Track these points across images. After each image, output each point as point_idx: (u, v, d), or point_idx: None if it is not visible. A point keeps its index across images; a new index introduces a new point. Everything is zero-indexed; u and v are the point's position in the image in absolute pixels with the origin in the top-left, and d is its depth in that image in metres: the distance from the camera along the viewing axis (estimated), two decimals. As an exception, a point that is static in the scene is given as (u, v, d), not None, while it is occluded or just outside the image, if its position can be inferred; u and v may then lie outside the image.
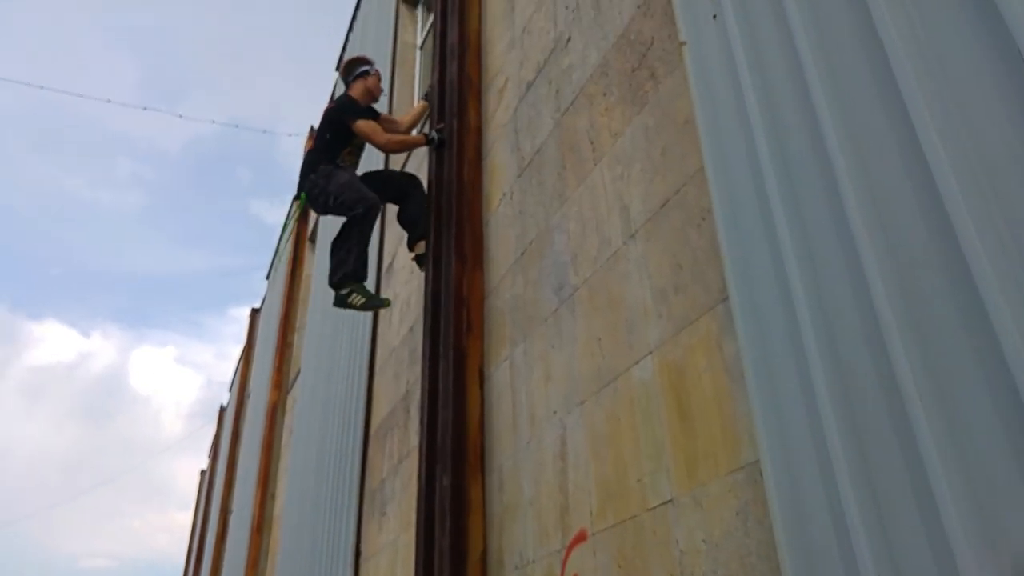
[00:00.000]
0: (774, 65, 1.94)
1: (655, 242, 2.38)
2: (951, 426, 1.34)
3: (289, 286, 11.26)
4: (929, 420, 1.36)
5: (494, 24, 4.38)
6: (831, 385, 1.60)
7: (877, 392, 1.51)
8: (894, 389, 1.46)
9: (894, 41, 1.57)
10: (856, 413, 1.55)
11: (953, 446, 1.32)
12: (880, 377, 1.50)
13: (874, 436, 1.49)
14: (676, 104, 2.42)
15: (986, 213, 1.32)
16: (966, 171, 1.38)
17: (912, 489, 1.39)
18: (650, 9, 2.69)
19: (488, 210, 3.90)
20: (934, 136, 1.44)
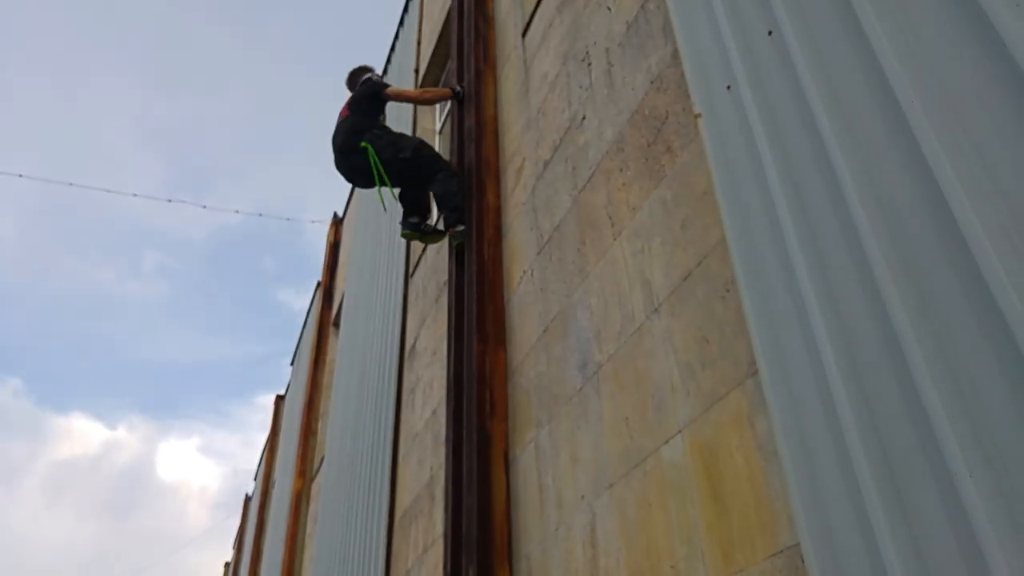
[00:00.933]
0: (792, 132, 1.91)
1: (679, 316, 2.31)
2: (1007, 502, 1.23)
3: (313, 372, 11.24)
4: (981, 493, 1.26)
5: (509, 107, 4.46)
6: (872, 461, 1.50)
7: (922, 467, 1.41)
8: (940, 462, 1.36)
9: (911, 102, 1.54)
10: (901, 490, 1.44)
11: (1011, 525, 1.21)
12: (924, 450, 1.40)
13: (923, 515, 1.38)
14: (694, 176, 2.39)
15: None
16: (996, 229, 1.32)
17: (968, 571, 1.28)
18: (663, 84, 2.71)
19: (509, 288, 3.87)
20: (959, 190, 1.39)
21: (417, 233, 4.65)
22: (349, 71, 5.05)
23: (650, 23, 2.89)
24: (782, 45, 2.01)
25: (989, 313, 1.32)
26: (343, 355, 8.75)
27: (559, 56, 3.78)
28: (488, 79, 4.77)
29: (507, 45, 4.73)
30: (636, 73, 2.92)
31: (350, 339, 8.50)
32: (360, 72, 5.03)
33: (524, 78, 4.29)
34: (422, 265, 6.15)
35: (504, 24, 4.87)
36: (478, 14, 5.05)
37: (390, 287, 6.96)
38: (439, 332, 5.11)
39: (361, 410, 7.05)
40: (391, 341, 6.45)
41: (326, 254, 12.28)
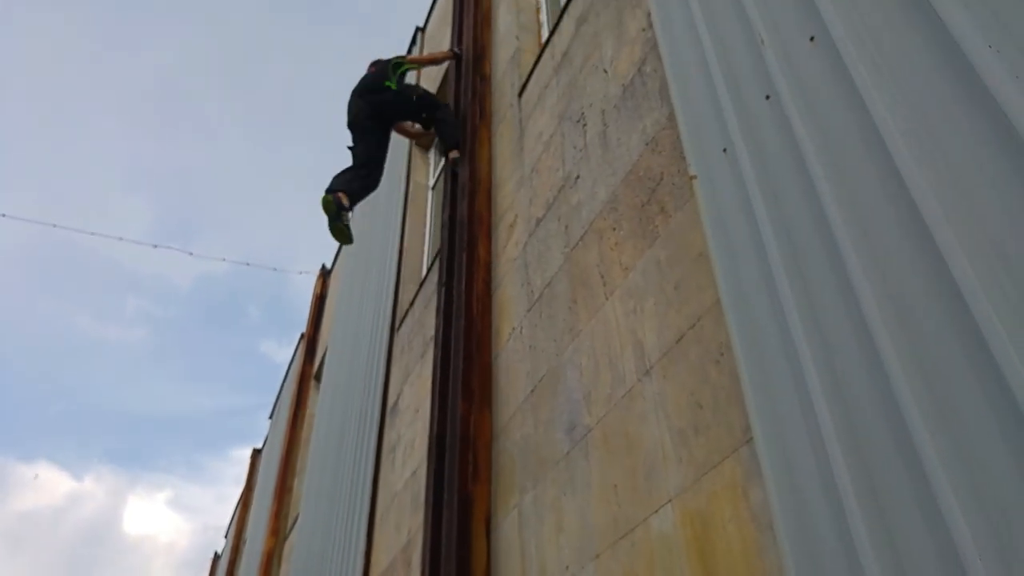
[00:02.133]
0: (789, 196, 1.89)
1: (672, 379, 2.25)
2: None
3: (291, 426, 11.00)
4: (986, 567, 1.19)
5: (504, 164, 4.47)
6: (872, 534, 1.43)
7: (925, 539, 1.34)
8: (945, 537, 1.29)
9: (909, 167, 1.52)
10: (904, 565, 1.36)
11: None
12: (927, 523, 1.34)
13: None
14: (689, 237, 2.36)
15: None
16: (997, 292, 1.28)
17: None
18: (658, 146, 2.71)
19: (497, 345, 3.79)
20: (961, 256, 1.36)
21: (334, 208, 4.86)
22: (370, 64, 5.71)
23: (646, 85, 2.90)
24: (779, 110, 2.01)
25: (990, 376, 1.28)
26: (323, 410, 8.57)
27: (554, 116, 3.80)
28: (483, 136, 4.79)
29: (503, 104, 4.77)
30: (631, 134, 2.92)
31: (331, 393, 8.35)
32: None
33: (519, 136, 4.31)
34: (408, 319, 6.08)
35: (501, 83, 4.92)
36: (475, 73, 5.11)
37: (374, 341, 6.86)
38: (423, 389, 5.01)
39: (339, 468, 6.86)
40: (373, 397, 6.32)
41: (311, 306, 12.18)
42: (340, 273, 10.67)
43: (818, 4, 1.93)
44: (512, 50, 4.85)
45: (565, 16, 3.98)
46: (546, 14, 5.02)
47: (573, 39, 3.80)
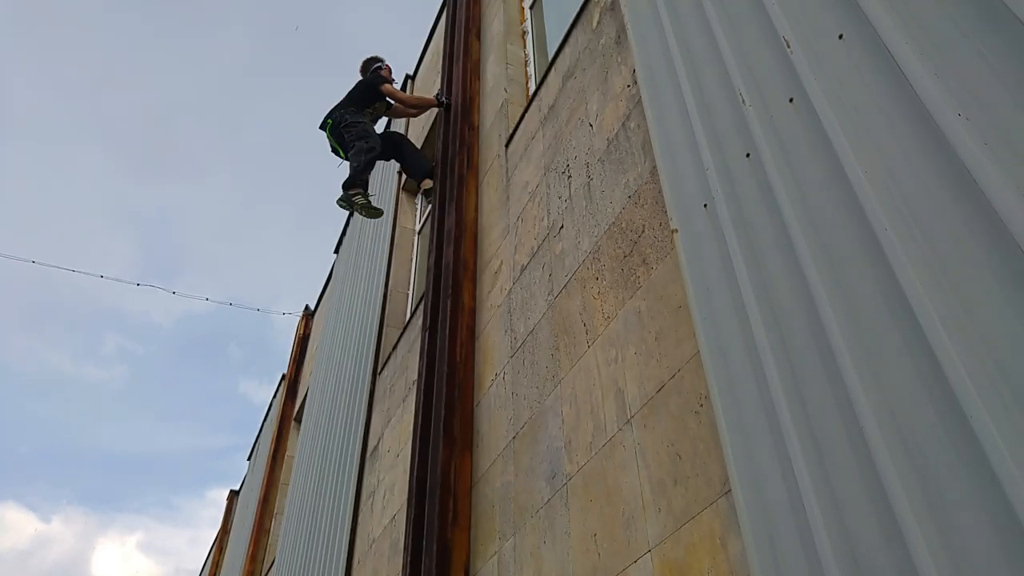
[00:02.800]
0: (768, 252, 1.95)
1: (652, 429, 2.28)
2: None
3: (270, 467, 10.84)
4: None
5: (490, 212, 4.54)
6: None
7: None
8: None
9: (884, 228, 1.58)
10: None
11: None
12: (900, 572, 1.36)
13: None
14: (669, 289, 2.42)
15: (992, 388, 1.25)
16: (967, 347, 1.33)
17: None
18: (641, 199, 2.78)
19: (480, 391, 3.81)
20: (933, 314, 1.41)
21: (346, 203, 5.38)
22: (364, 60, 6.03)
23: (630, 140, 2.99)
24: (759, 167, 2.08)
25: (964, 440, 1.31)
26: (303, 452, 8.48)
27: (540, 167, 3.88)
28: (470, 184, 4.87)
29: (490, 153, 4.86)
30: (615, 187, 3.00)
31: (311, 435, 8.27)
32: (372, 61, 6.00)
33: (505, 185, 4.39)
34: (391, 362, 6.08)
35: (488, 134, 5.02)
36: (464, 123, 5.21)
37: (356, 384, 6.84)
38: (404, 433, 4.99)
39: (317, 511, 6.77)
40: (353, 440, 6.28)
41: (294, 347, 12.12)
42: (324, 314, 10.66)
43: (797, 67, 2.01)
44: (500, 101, 4.96)
45: (552, 71, 4.10)
46: (534, 67, 5.16)
47: (560, 93, 3.90)
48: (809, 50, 1.97)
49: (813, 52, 1.96)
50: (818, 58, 1.94)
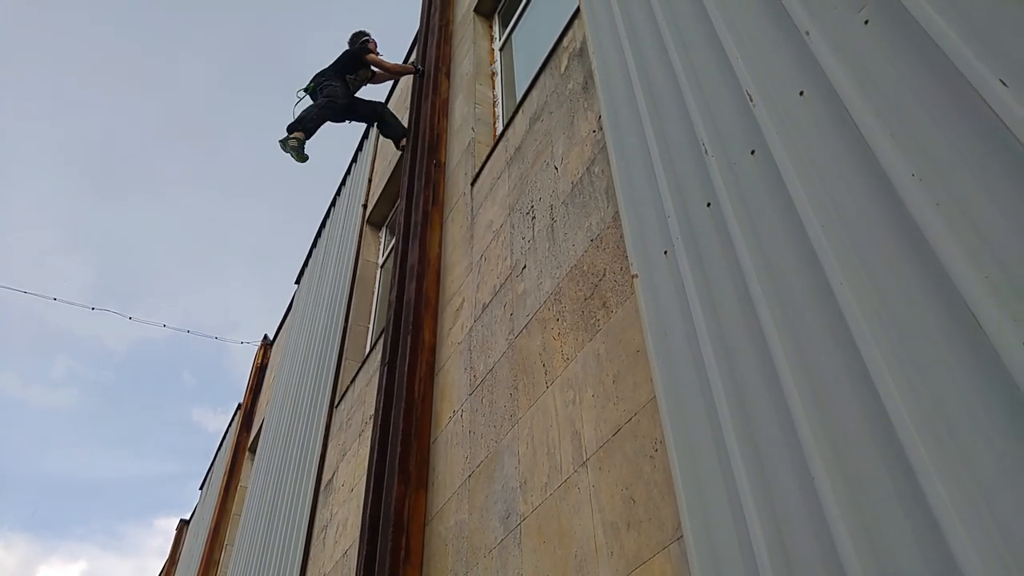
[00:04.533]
0: (725, 301, 1.99)
1: (607, 472, 2.29)
2: None
3: (223, 497, 10.56)
4: None
5: (453, 249, 4.56)
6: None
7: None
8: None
9: (840, 282, 1.63)
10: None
11: None
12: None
13: None
14: (628, 333, 2.45)
15: (935, 440, 1.29)
16: (923, 422, 1.37)
17: None
18: (603, 243, 2.82)
19: (437, 428, 3.79)
20: (881, 363, 1.45)
21: (283, 143, 5.78)
22: (352, 33, 6.56)
23: (594, 185, 3.04)
24: (720, 217, 2.13)
25: (916, 502, 1.34)
26: (256, 483, 8.29)
27: (505, 207, 3.92)
28: (435, 221, 4.89)
29: (456, 191, 4.90)
30: (578, 230, 3.04)
31: (266, 466, 8.10)
32: (359, 35, 6.54)
33: (470, 223, 4.42)
34: (349, 396, 6.01)
35: (454, 171, 5.07)
36: (430, 159, 5.25)
37: (313, 416, 6.73)
38: (359, 468, 4.92)
39: (269, 544, 6.60)
40: (308, 473, 6.17)
41: (251, 376, 11.91)
42: (282, 345, 10.51)
43: (759, 120, 2.07)
44: (467, 140, 5.01)
45: (520, 112, 4.16)
46: (502, 108, 5.23)
47: (526, 135, 3.96)
48: (771, 105, 2.04)
49: (775, 107, 2.03)
50: (779, 113, 2.01)
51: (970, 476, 1.23)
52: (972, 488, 1.23)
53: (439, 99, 5.80)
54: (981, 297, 1.30)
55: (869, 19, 1.78)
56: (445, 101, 5.82)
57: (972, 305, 1.32)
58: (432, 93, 5.84)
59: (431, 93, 5.85)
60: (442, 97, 5.84)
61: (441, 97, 5.83)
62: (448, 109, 5.76)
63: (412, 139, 5.88)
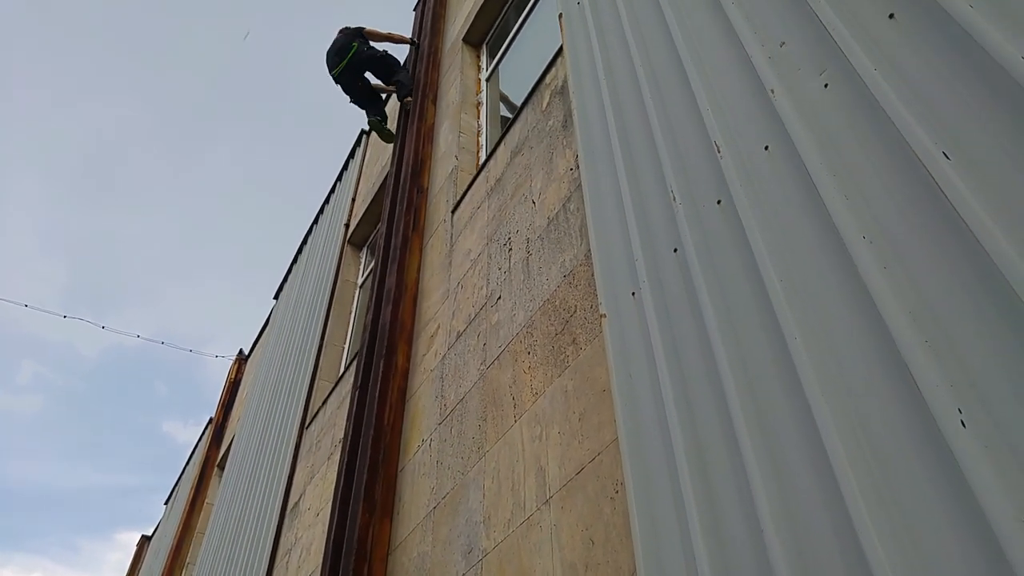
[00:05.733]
0: (687, 345, 2.02)
1: (569, 511, 2.30)
2: None
3: (188, 514, 10.41)
4: None
5: (432, 275, 4.57)
6: None
7: None
8: None
9: (793, 333, 1.67)
10: None
11: None
12: None
13: None
14: (596, 371, 2.47)
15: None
16: (868, 483, 1.40)
17: None
18: (575, 280, 2.85)
19: (405, 456, 3.78)
20: (833, 429, 1.48)
21: (378, 123, 6.39)
22: None
23: (569, 222, 3.08)
24: (685, 263, 2.17)
25: (862, 568, 1.37)
26: (223, 500, 8.18)
27: (483, 237, 3.95)
28: (415, 245, 4.91)
29: (436, 217, 4.93)
30: (552, 265, 3.07)
31: (233, 484, 8.00)
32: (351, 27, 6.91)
33: (449, 250, 4.44)
34: (320, 417, 5.97)
35: (436, 198, 5.10)
36: (413, 185, 5.28)
37: (283, 435, 6.68)
38: (326, 492, 4.89)
39: (232, 564, 6.51)
40: (275, 493, 6.11)
41: (224, 391, 11.80)
42: (257, 360, 10.44)
43: (725, 172, 2.12)
44: (450, 168, 5.05)
45: (502, 145, 4.21)
46: (486, 137, 5.28)
47: (507, 167, 4.01)
48: (737, 157, 2.09)
49: (741, 159, 2.08)
50: (745, 165, 2.06)
51: (913, 548, 1.26)
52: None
53: (425, 125, 5.85)
54: (922, 361, 1.34)
55: (828, 83, 1.84)
56: (431, 127, 5.87)
57: (910, 364, 1.35)
58: (418, 119, 5.89)
59: (417, 119, 5.90)
60: (428, 123, 5.88)
61: (427, 123, 5.88)
62: (433, 135, 5.81)
63: (396, 163, 5.91)
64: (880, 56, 1.72)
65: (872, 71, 1.70)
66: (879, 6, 1.77)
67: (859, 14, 1.81)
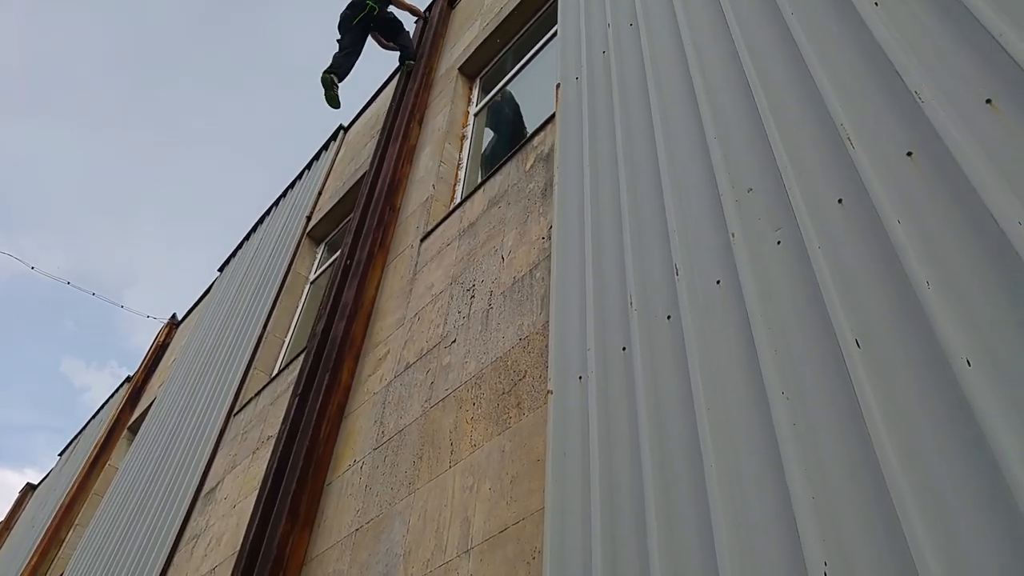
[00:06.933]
0: (619, 440, 2.26)
1: (487, 565, 2.51)
2: None
3: (87, 472, 10.21)
4: None
5: (390, 297, 4.74)
6: None
7: None
8: None
9: (710, 458, 1.92)
10: None
11: None
12: None
13: None
14: (534, 440, 2.70)
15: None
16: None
17: None
18: (529, 346, 3.08)
19: (334, 472, 3.93)
20: (727, 560, 1.73)
21: (330, 81, 6.79)
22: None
23: (533, 288, 3.31)
24: (630, 363, 2.42)
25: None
26: (131, 467, 8.10)
27: (448, 276, 4.15)
28: (378, 263, 5.07)
29: (404, 240, 5.10)
30: (510, 325, 3.29)
31: (145, 452, 7.94)
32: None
33: (411, 277, 4.62)
34: (250, 407, 6.04)
35: (407, 221, 5.27)
36: (386, 203, 5.44)
37: (209, 417, 6.71)
38: (248, 485, 4.98)
39: (131, 535, 6.49)
40: (191, 474, 6.13)
41: (149, 353, 11.63)
42: (191, 329, 10.35)
43: (679, 294, 2.38)
44: (426, 195, 5.24)
45: (481, 191, 4.42)
46: (465, 172, 5.49)
47: (483, 215, 4.22)
48: (691, 284, 2.35)
49: (694, 287, 2.34)
50: (697, 294, 2.32)
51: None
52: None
53: (407, 144, 6.02)
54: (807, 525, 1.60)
55: (781, 241, 2.12)
56: (412, 148, 6.04)
57: (797, 520, 1.61)
58: (401, 138, 6.05)
59: (400, 137, 6.06)
60: (410, 143, 6.06)
61: (409, 143, 6.05)
62: (413, 157, 5.98)
63: (373, 174, 6.05)
64: (825, 233, 2.00)
65: (816, 247, 1.98)
66: (831, 191, 2.06)
67: (817, 195, 2.10)
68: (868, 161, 2.00)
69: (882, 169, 1.96)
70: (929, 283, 1.67)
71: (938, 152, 1.85)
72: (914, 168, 1.89)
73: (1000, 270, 1.57)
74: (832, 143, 2.16)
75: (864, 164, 2.01)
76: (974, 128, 1.81)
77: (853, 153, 2.05)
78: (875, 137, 2.04)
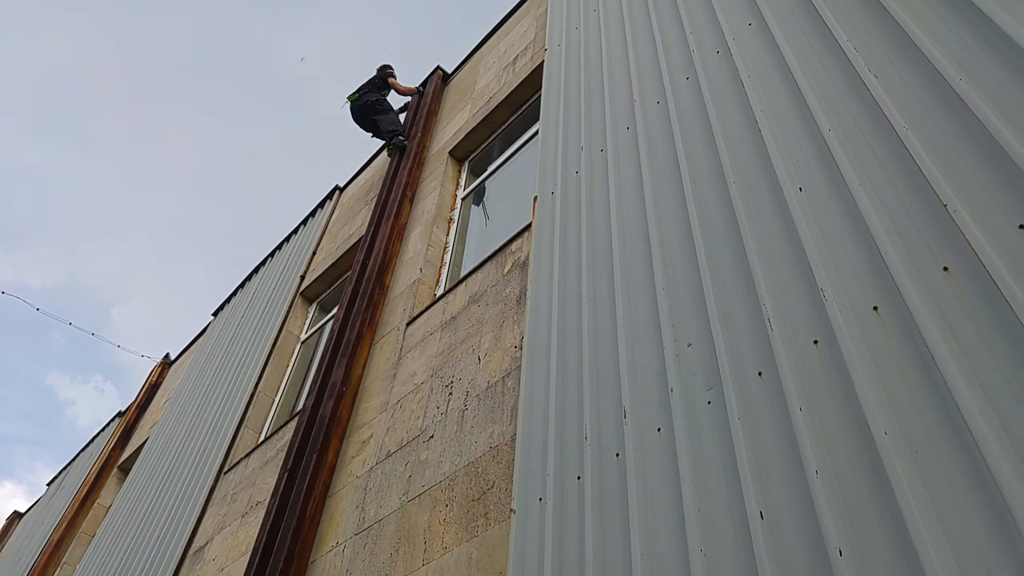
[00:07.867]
0: (570, 563, 2.57)
1: (451, 669, 2.81)
2: None
3: (75, 511, 10.39)
4: None
5: (375, 377, 5.05)
6: None
7: None
8: None
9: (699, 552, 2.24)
10: None
11: None
12: None
13: None
14: (497, 553, 3.01)
15: None
16: None
17: None
18: (499, 456, 3.40)
19: (318, 551, 4.22)
20: None
21: (399, 140, 7.67)
22: (380, 66, 8.67)
23: (505, 397, 3.64)
24: (582, 493, 2.74)
25: None
26: (120, 512, 8.33)
27: (430, 367, 4.47)
28: (366, 342, 5.39)
29: (391, 321, 5.42)
30: (482, 431, 3.62)
31: (135, 498, 8.17)
32: (386, 67, 8.62)
33: (396, 361, 4.94)
34: (240, 469, 6.31)
35: (394, 302, 5.60)
36: (376, 283, 5.77)
37: (199, 472, 6.96)
38: (236, 549, 5.25)
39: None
40: (181, 529, 6.37)
41: (142, 391, 11.86)
42: (184, 372, 10.61)
43: (626, 438, 2.71)
44: (414, 278, 5.57)
45: (463, 285, 4.76)
46: (451, 255, 5.83)
47: (463, 311, 4.56)
48: (637, 429, 2.68)
49: (640, 432, 2.67)
50: (640, 439, 2.64)
51: None
52: None
53: (399, 223, 6.37)
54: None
55: (712, 401, 2.46)
56: (403, 227, 6.39)
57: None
58: (393, 215, 6.40)
59: (392, 216, 6.41)
60: (402, 222, 6.41)
61: (401, 222, 6.40)
62: (404, 236, 6.32)
63: (366, 251, 6.39)
64: (748, 407, 2.34)
65: (736, 417, 2.32)
66: (753, 363, 2.40)
67: (742, 364, 2.44)
68: (782, 343, 2.35)
69: (792, 352, 2.31)
70: (818, 472, 2.00)
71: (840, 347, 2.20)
72: (817, 357, 2.24)
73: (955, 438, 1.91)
74: (756, 319, 2.51)
75: (779, 346, 2.36)
76: (931, 288, 2.16)
77: (771, 335, 2.40)
78: (789, 321, 2.39)
